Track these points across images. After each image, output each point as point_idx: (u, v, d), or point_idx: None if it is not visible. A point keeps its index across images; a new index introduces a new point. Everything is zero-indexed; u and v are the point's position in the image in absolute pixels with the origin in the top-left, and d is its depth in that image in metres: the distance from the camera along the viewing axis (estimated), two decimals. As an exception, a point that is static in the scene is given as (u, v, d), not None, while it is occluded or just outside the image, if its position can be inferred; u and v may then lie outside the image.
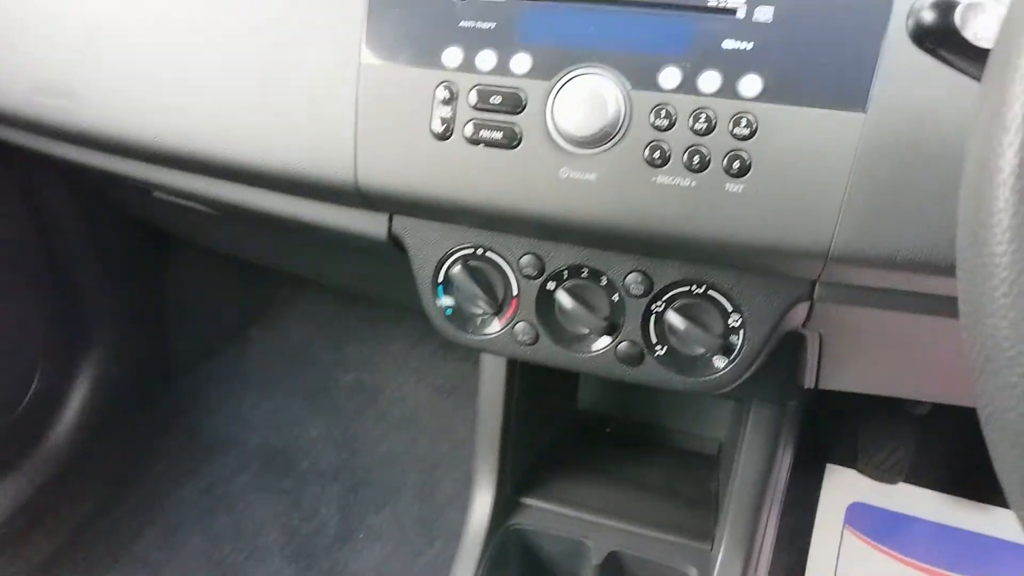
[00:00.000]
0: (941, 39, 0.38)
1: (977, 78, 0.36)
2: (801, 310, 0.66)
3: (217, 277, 1.55)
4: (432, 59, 0.62)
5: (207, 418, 1.52)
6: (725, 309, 0.66)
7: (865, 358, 0.81)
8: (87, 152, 0.80)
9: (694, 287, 0.66)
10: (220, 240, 1.30)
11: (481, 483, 1.01)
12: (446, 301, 0.73)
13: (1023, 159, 0.27)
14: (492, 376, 0.97)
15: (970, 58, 0.38)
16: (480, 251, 0.71)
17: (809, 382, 0.84)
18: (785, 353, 0.73)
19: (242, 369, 1.60)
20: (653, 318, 0.68)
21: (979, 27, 0.37)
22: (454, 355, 1.53)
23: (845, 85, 0.54)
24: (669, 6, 0.57)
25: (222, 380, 1.57)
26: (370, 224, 0.73)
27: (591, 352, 0.70)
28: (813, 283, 0.64)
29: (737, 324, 0.66)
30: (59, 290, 1.27)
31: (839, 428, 1.39)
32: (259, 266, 1.43)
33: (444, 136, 0.62)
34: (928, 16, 0.38)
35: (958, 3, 0.37)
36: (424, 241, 0.72)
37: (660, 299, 0.67)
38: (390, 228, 0.73)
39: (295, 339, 1.63)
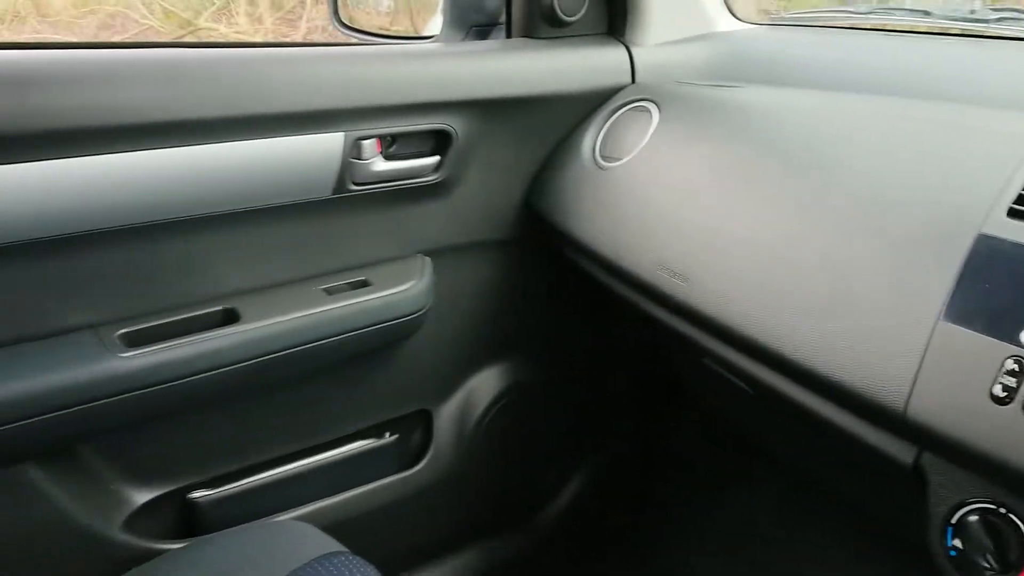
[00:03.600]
0: None
1: None
2: None
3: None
4: (1008, 335, 0.71)
5: None
6: None
7: None
8: (682, 322, 1.03)
9: None
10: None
11: None
12: (955, 543, 0.78)
13: None
14: None
15: None
16: (1003, 510, 0.75)
17: None
18: None
19: None
20: None
21: None
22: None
23: None
24: None
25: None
26: (897, 449, 0.82)
27: None
28: None
29: None
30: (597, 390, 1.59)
31: None
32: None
33: (1003, 401, 0.70)
34: None
35: None
36: (948, 482, 0.78)
37: None
38: (917, 459, 0.81)
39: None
